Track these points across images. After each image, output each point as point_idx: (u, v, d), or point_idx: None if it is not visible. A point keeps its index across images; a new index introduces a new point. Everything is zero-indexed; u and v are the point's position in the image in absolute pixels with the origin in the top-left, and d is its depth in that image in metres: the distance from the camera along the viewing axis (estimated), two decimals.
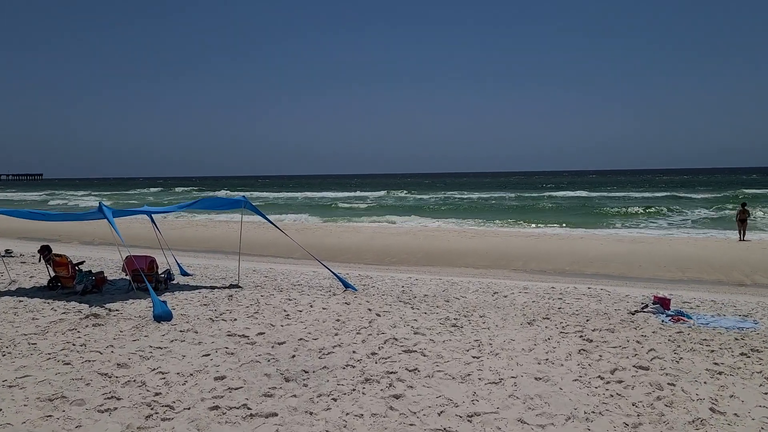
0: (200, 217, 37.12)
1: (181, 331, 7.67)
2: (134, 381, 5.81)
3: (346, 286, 10.99)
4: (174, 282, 11.43)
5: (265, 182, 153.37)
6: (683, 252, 19.58)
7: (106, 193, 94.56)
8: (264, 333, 7.65)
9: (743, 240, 22.40)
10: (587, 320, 8.80)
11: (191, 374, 6.01)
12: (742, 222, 22.73)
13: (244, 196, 10.64)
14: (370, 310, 9.08)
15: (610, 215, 39.09)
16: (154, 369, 6.17)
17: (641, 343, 7.42)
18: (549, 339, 7.58)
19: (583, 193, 67.16)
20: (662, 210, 40.91)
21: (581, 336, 7.74)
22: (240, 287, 11.19)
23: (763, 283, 14.64)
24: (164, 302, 8.54)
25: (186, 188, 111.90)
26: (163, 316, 8.05)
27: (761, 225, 29.07)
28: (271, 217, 11.86)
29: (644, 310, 9.81)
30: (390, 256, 19.91)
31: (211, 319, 8.37)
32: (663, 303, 9.90)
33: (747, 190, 60.58)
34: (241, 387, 5.67)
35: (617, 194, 65.21)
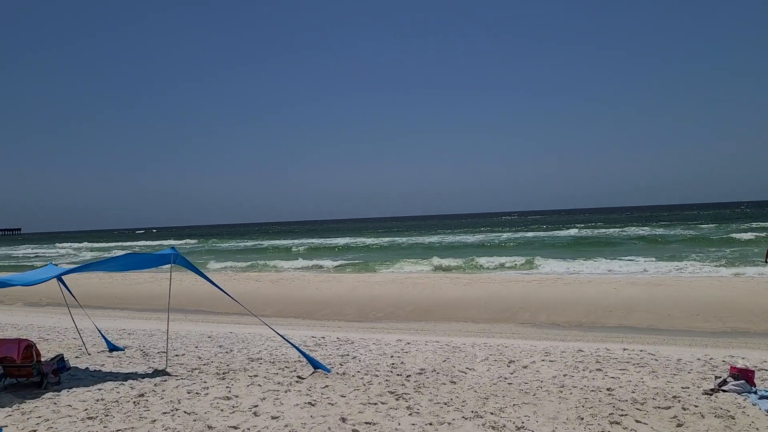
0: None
1: None
2: None
3: (315, 366, 8.20)
4: (69, 371, 8.45)
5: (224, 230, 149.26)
6: (711, 296, 17.06)
7: (84, 244, 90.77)
8: None
9: None
10: (661, 412, 6.15)
11: None
12: None
13: (173, 248, 8.01)
14: (343, 420, 6.10)
15: (609, 252, 36.71)
16: None
17: None
18: None
19: (580, 231, 65.03)
20: (669, 247, 38.65)
21: None
22: (167, 374, 8.24)
23: None
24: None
25: (179, 240, 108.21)
26: None
27: None
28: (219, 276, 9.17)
29: (723, 388, 7.19)
30: (375, 311, 17.16)
31: None
32: (746, 376, 7.29)
33: (755, 224, 58.83)
34: None
35: (616, 231, 63.10)
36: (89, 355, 9.59)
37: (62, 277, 8.91)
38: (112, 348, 10.13)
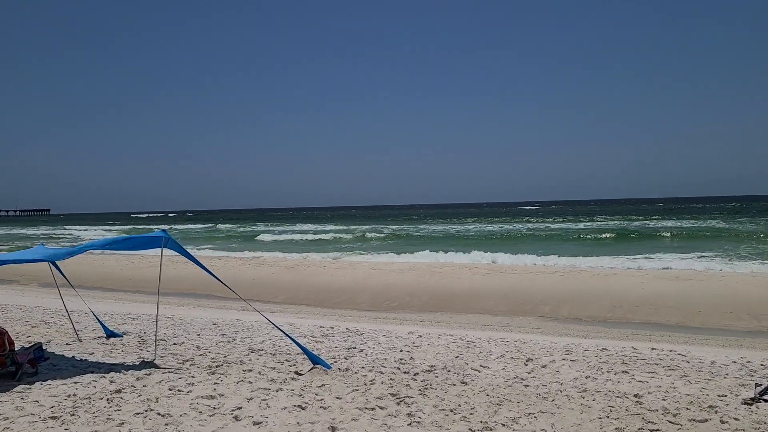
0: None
1: None
2: None
3: (315, 361, 7.62)
4: (48, 360, 7.79)
5: (261, 215, 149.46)
6: (745, 292, 16.12)
7: (113, 228, 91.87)
8: None
9: None
10: (697, 426, 5.46)
11: None
12: None
13: (165, 231, 7.49)
14: (333, 429, 5.38)
15: (636, 245, 35.60)
16: None
17: None
18: None
19: (609, 223, 63.56)
20: (698, 239, 37.37)
21: None
22: (155, 366, 7.64)
23: None
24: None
25: (204, 224, 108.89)
26: None
27: None
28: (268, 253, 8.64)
29: (765, 397, 6.45)
30: (389, 300, 16.60)
31: None
32: None
33: None
34: None
35: (640, 223, 61.54)
36: (81, 342, 9.15)
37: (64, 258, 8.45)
38: (110, 334, 9.71)
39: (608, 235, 42.56)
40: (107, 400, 6.18)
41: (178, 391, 6.38)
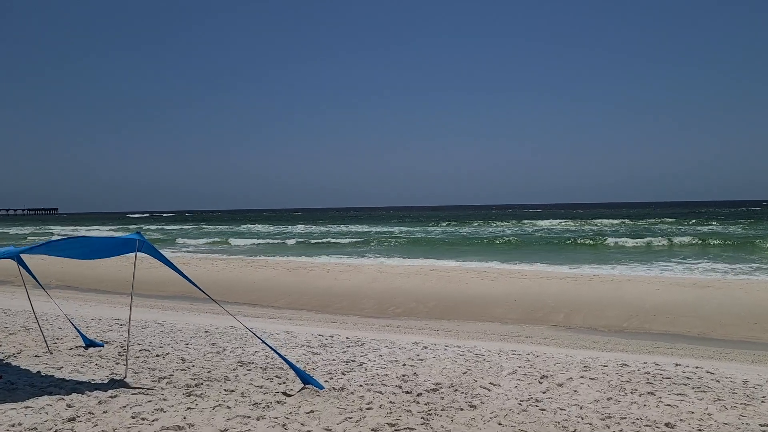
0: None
1: None
2: None
3: (305, 381, 6.88)
4: (1, 379, 6.92)
5: (257, 216, 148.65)
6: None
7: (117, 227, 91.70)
8: None
9: None
10: None
11: None
12: None
13: (139, 233, 6.80)
14: None
15: (651, 251, 34.71)
16: None
17: None
18: None
19: (617, 227, 62.53)
20: (711, 245, 36.44)
21: None
22: (125, 386, 6.73)
23: None
24: None
25: (209, 223, 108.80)
26: None
27: None
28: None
29: None
30: (394, 305, 15.88)
31: None
32: None
33: None
34: None
35: (648, 227, 60.45)
36: (52, 354, 8.43)
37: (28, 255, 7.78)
38: (89, 344, 9.00)
39: (618, 241, 41.63)
40: (63, 424, 5.39)
41: (142, 419, 5.54)
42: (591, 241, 40.52)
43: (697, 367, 8.60)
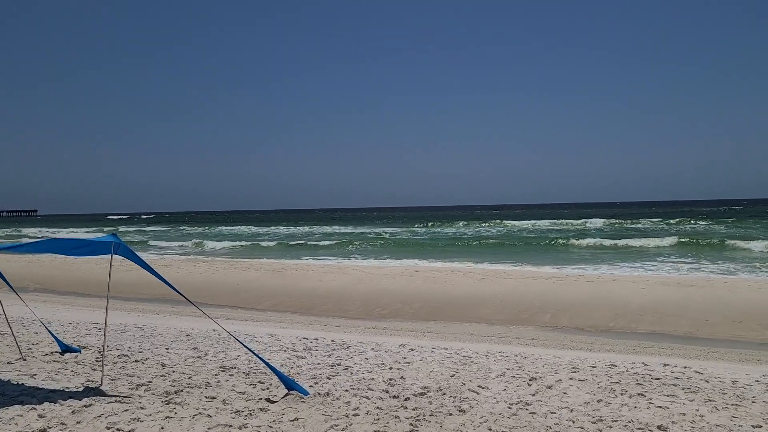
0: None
1: None
2: None
3: (289, 387, 6.67)
4: None
5: (239, 216, 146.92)
6: (752, 300, 15.34)
7: (100, 228, 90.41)
8: None
9: None
10: None
11: None
12: None
13: (115, 234, 6.55)
14: None
15: (635, 251, 34.90)
16: None
17: None
18: None
19: (597, 224, 62.86)
20: (694, 244, 36.73)
21: None
22: (100, 393, 6.46)
23: None
24: None
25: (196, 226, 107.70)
26: None
27: None
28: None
29: None
30: (380, 307, 15.70)
31: None
32: None
33: None
34: None
35: (631, 226, 60.88)
36: (25, 360, 8.12)
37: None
38: (65, 349, 8.71)
39: (602, 241, 41.84)
40: None
41: (117, 430, 5.30)
42: (575, 241, 40.66)
43: (685, 367, 8.53)
